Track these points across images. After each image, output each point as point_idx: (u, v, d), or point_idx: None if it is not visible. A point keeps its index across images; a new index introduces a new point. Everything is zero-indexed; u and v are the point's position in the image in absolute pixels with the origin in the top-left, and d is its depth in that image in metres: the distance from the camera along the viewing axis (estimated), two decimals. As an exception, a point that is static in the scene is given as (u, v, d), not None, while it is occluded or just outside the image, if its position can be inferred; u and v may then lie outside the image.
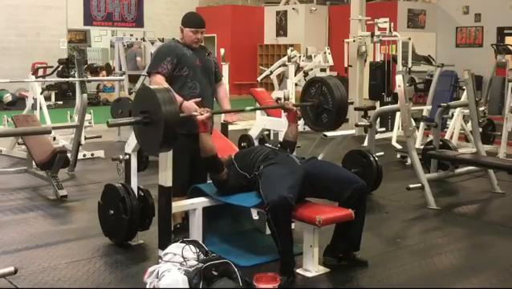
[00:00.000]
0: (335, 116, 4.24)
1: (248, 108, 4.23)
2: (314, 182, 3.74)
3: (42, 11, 15.09)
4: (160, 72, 4.05)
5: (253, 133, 5.63)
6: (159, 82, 4.00)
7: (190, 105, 3.91)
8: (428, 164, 6.08)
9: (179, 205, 3.89)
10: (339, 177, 3.76)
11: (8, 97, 13.22)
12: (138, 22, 17.15)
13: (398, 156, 7.63)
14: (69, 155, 6.07)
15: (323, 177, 3.75)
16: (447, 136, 7.36)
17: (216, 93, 4.38)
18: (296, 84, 9.76)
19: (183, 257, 3.38)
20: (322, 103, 4.27)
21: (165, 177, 3.67)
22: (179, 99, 3.90)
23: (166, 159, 3.66)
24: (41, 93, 8.16)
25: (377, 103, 9.09)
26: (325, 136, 5.74)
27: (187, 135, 3.85)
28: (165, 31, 13.60)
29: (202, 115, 3.73)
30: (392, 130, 8.45)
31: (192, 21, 4.21)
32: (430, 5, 16.40)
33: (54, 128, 6.17)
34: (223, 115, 4.48)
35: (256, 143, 5.47)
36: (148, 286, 3.29)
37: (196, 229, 3.89)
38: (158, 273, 3.27)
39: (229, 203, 3.91)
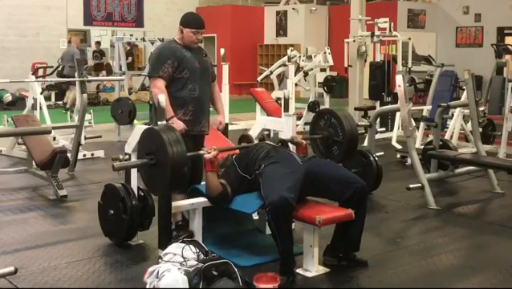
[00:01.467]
0: (345, 148, 4.25)
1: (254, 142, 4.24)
2: (314, 181, 3.74)
3: (42, 11, 15.11)
4: (162, 76, 4.06)
5: (254, 133, 5.63)
6: (160, 86, 4.02)
7: (179, 125, 3.92)
8: (428, 164, 6.07)
9: (179, 205, 3.89)
10: (339, 177, 3.76)
11: (8, 97, 13.24)
12: (138, 22, 17.16)
13: (398, 156, 7.63)
14: (69, 155, 6.07)
15: (323, 177, 3.75)
16: (447, 136, 7.35)
17: (210, 94, 4.39)
18: (296, 84, 9.74)
19: (183, 257, 3.39)
20: (332, 135, 4.27)
21: (165, 177, 3.66)
22: (170, 112, 3.93)
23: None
24: (41, 93, 8.16)
25: (377, 103, 9.08)
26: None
27: (186, 135, 3.85)
28: (165, 31, 13.57)
29: (209, 153, 3.72)
30: (392, 130, 8.45)
31: (192, 21, 4.21)
32: (430, 5, 16.41)
33: (54, 128, 6.19)
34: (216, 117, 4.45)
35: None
36: (148, 286, 3.29)
37: (196, 230, 3.89)
38: (158, 273, 3.27)
39: (230, 208, 3.88)
